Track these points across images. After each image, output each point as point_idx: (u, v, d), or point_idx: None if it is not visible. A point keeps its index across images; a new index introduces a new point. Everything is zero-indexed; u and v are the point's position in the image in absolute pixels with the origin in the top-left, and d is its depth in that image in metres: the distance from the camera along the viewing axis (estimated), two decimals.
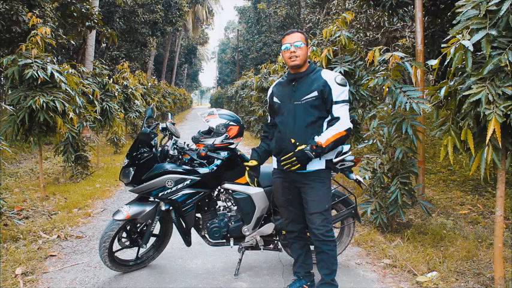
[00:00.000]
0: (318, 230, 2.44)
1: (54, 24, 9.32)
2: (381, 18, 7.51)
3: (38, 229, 3.99)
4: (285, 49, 2.42)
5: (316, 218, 2.43)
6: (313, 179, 2.42)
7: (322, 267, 2.53)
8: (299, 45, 2.38)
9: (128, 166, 2.86)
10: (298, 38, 2.40)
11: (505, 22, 2.12)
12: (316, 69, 2.49)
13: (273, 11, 21.46)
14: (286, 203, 2.60)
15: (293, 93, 2.45)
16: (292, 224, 2.64)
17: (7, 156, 7.92)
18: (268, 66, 10.26)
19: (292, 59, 2.40)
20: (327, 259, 2.49)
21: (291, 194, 2.55)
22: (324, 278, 2.53)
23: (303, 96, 2.40)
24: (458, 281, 2.80)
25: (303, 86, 2.43)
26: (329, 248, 2.47)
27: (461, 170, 6.06)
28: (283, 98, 2.51)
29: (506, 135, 2.26)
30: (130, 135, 11.84)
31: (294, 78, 2.48)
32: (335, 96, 2.36)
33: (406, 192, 3.49)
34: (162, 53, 31.14)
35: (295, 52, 2.38)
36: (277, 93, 2.58)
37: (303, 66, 2.45)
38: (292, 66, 2.45)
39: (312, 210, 2.44)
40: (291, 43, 2.40)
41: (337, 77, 2.40)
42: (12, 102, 4.66)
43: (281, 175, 2.56)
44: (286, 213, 2.64)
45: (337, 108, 2.37)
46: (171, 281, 2.92)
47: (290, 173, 2.45)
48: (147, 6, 18.77)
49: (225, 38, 60.05)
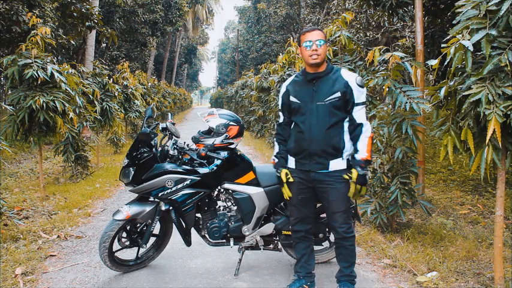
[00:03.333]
0: (341, 228, 2.48)
1: (54, 24, 9.32)
2: (380, 18, 7.51)
3: (38, 229, 3.99)
4: (306, 46, 2.38)
5: (338, 216, 2.47)
6: (335, 179, 2.42)
7: (342, 260, 2.59)
8: (321, 44, 2.36)
9: (127, 166, 2.87)
10: (320, 36, 2.37)
11: (505, 22, 2.12)
12: (335, 68, 2.47)
13: (273, 11, 21.45)
14: (299, 203, 2.57)
15: (314, 94, 2.42)
16: (300, 224, 2.62)
17: (7, 156, 7.92)
18: (268, 66, 10.26)
19: (313, 57, 2.37)
20: (347, 253, 2.55)
21: (306, 194, 2.54)
22: (343, 270, 2.60)
23: (326, 97, 2.38)
24: (458, 281, 2.80)
25: (324, 86, 2.41)
26: (349, 243, 2.52)
27: (461, 170, 6.06)
28: (303, 98, 2.47)
29: (506, 135, 2.26)
30: (131, 135, 11.84)
31: (314, 77, 2.44)
32: (356, 98, 2.36)
33: (406, 192, 3.49)
34: (162, 53, 31.14)
35: (316, 50, 2.35)
36: (294, 93, 2.53)
37: (322, 65, 2.43)
38: (312, 64, 2.41)
39: (335, 209, 2.47)
40: (312, 41, 2.36)
41: (357, 77, 2.39)
42: (12, 102, 4.66)
43: (299, 175, 2.53)
44: (296, 213, 2.61)
45: (357, 110, 2.38)
46: (171, 281, 2.92)
47: (310, 172, 2.45)
48: (147, 6, 18.76)
49: (225, 38, 60.06)
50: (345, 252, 2.56)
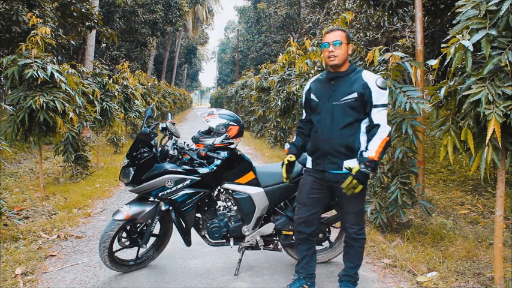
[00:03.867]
0: (352, 229, 2.49)
1: (54, 24, 9.31)
2: (380, 18, 7.50)
3: (38, 229, 3.99)
4: (324, 48, 2.39)
5: (350, 217, 2.48)
6: None
7: (348, 260, 2.59)
8: (338, 44, 2.34)
9: (127, 166, 2.87)
10: (338, 36, 2.35)
11: (504, 22, 2.12)
12: (357, 69, 2.45)
13: (273, 11, 21.43)
14: (310, 202, 2.54)
15: (332, 93, 2.42)
16: (305, 226, 2.59)
17: (7, 156, 7.92)
18: (268, 66, 10.25)
19: (330, 58, 2.36)
20: (354, 254, 2.55)
21: (318, 194, 2.52)
22: (347, 269, 2.60)
23: (342, 97, 2.37)
24: (458, 281, 2.80)
25: (342, 86, 2.40)
26: (359, 244, 2.52)
27: (461, 170, 6.06)
28: (321, 97, 2.47)
29: (506, 135, 2.26)
30: (131, 135, 11.84)
31: (334, 77, 2.44)
32: (375, 100, 2.33)
33: (406, 192, 3.49)
34: (162, 53, 31.14)
35: (333, 52, 2.34)
36: (315, 91, 2.53)
37: (342, 66, 2.41)
38: (331, 66, 2.42)
39: (347, 210, 2.48)
40: (329, 42, 2.36)
41: (378, 79, 2.35)
42: (12, 102, 4.66)
43: (314, 174, 2.52)
44: (304, 213, 2.57)
45: (375, 112, 2.34)
46: (171, 281, 2.92)
47: (325, 172, 2.45)
48: (147, 6, 18.76)
49: (225, 38, 60.04)
50: (352, 253, 2.55)
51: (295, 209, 2.96)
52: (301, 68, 5.62)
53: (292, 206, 3.01)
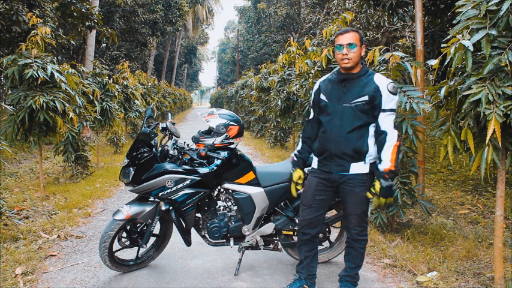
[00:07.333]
0: (354, 230, 2.50)
1: (54, 24, 9.31)
2: (381, 18, 7.50)
3: (38, 229, 3.99)
4: (338, 49, 2.35)
5: (353, 219, 2.48)
6: (355, 182, 2.39)
7: (349, 261, 2.60)
8: (353, 47, 2.31)
9: (127, 166, 2.86)
10: (352, 39, 2.31)
11: (505, 22, 2.12)
12: (369, 72, 2.42)
13: (273, 11, 21.43)
14: (315, 204, 2.53)
15: (343, 94, 2.39)
16: (309, 227, 2.58)
17: (7, 156, 7.92)
18: (268, 66, 10.25)
19: (344, 61, 2.33)
20: (356, 255, 2.56)
21: (323, 195, 2.51)
22: (347, 270, 2.61)
23: (353, 99, 2.35)
24: (458, 281, 2.80)
25: (353, 88, 2.37)
26: (360, 246, 2.53)
27: (461, 170, 6.06)
28: (331, 98, 2.45)
29: (506, 135, 2.26)
30: (131, 135, 11.84)
31: (345, 78, 2.41)
32: (384, 104, 2.31)
33: (406, 192, 3.49)
34: (162, 53, 31.13)
35: (347, 54, 2.31)
36: (325, 91, 2.51)
37: (355, 68, 2.38)
38: (343, 68, 2.39)
39: (350, 211, 2.47)
40: (343, 44, 2.32)
41: (389, 84, 2.32)
42: (12, 102, 4.66)
43: (320, 175, 2.51)
44: (309, 214, 2.55)
45: (383, 117, 2.32)
46: (171, 281, 2.93)
47: (331, 174, 2.44)
48: (147, 6, 18.75)
49: (225, 38, 60.02)
50: (354, 254, 2.56)
51: (295, 209, 2.97)
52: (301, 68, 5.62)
53: (292, 206, 3.01)
